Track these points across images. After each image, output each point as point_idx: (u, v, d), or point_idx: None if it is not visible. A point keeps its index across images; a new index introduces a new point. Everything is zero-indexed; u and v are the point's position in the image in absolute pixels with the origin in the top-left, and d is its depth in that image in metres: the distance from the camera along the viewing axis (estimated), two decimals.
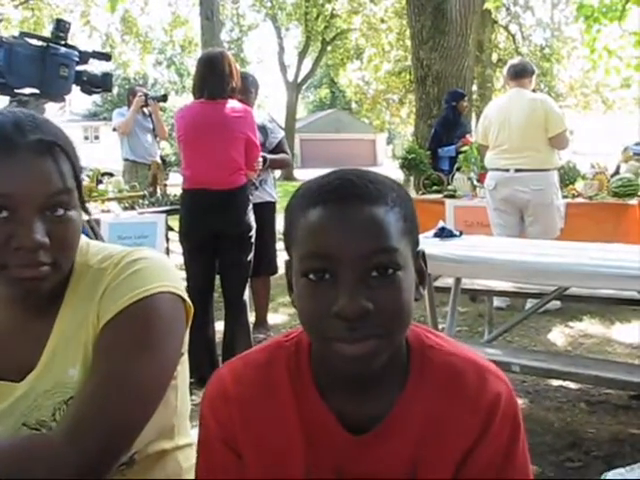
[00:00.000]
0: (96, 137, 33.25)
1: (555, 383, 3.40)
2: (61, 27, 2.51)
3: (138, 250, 1.11)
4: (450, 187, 5.89)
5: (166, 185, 5.94)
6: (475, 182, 5.69)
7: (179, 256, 3.84)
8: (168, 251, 4.83)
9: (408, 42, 12.13)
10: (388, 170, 13.68)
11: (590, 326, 4.52)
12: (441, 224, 3.45)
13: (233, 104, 3.50)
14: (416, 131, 9.52)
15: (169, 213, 4.84)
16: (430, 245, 3.06)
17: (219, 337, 3.72)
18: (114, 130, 6.87)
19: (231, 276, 3.64)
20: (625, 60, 8.96)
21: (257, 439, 0.94)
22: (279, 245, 3.97)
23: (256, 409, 0.94)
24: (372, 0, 19.75)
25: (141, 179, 6.25)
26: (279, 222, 3.12)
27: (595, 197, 5.22)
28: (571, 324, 4.57)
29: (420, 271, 0.91)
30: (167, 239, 4.74)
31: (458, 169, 6.00)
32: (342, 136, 40.73)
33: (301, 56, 27.72)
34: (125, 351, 1.01)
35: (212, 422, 0.96)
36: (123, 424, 0.98)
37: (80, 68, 2.57)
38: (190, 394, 1.26)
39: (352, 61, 24.70)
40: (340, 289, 0.82)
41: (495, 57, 18.96)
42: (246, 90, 3.99)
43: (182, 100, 26.25)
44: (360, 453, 0.92)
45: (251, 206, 3.62)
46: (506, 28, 19.83)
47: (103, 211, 4.76)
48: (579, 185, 5.47)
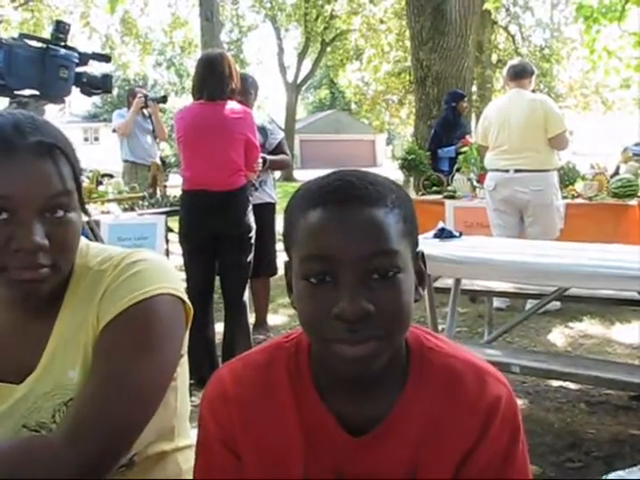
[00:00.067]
0: (96, 138, 33.27)
1: (555, 384, 3.40)
2: (61, 28, 2.51)
3: (138, 252, 1.11)
4: (450, 188, 5.89)
5: (166, 186, 5.95)
6: (475, 183, 5.69)
7: (179, 257, 3.84)
8: (168, 252, 4.83)
9: (408, 43, 12.14)
10: (388, 171, 13.67)
11: (590, 327, 4.52)
12: (441, 225, 3.45)
13: (233, 105, 3.51)
14: (416, 132, 9.52)
15: (169, 214, 4.83)
16: (430, 246, 3.07)
17: (219, 338, 3.72)
18: (114, 131, 6.87)
19: (231, 277, 3.64)
20: (625, 61, 8.96)
21: (256, 440, 0.94)
22: (279, 246, 3.97)
23: (256, 410, 0.94)
24: (372, 1, 19.76)
25: (141, 180, 6.25)
26: (279, 223, 3.12)
27: (595, 198, 5.22)
28: (571, 325, 4.56)
29: (420, 272, 0.91)
30: (167, 240, 4.74)
31: (458, 170, 6.00)
32: (342, 137, 40.74)
33: (301, 57, 27.72)
34: (125, 353, 1.01)
35: (211, 423, 0.96)
36: (123, 426, 0.98)
37: (80, 69, 2.57)
38: (190, 395, 1.26)
39: (352, 62, 24.68)
40: (341, 291, 0.82)
41: (495, 58, 18.95)
42: (245, 91, 3.99)
43: (182, 101, 26.28)
44: (359, 454, 0.92)
45: (251, 207, 3.62)
46: (506, 29, 19.83)
47: (103, 212, 4.76)
48: (579, 186, 5.47)
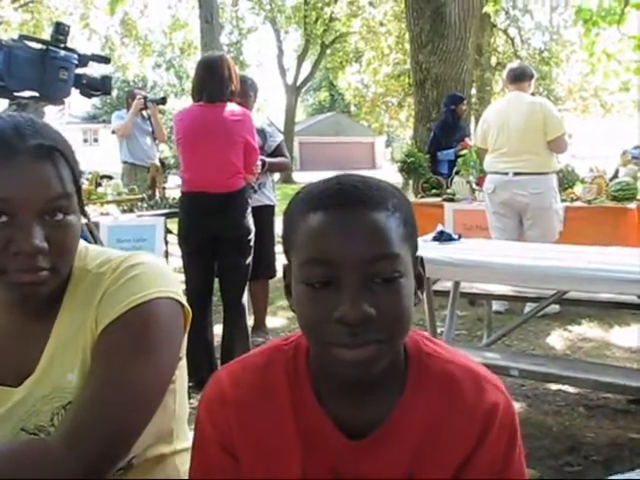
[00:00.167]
0: (95, 140, 33.25)
1: (554, 387, 3.40)
2: (60, 30, 2.52)
3: (136, 255, 1.11)
4: (449, 190, 5.90)
5: (165, 188, 5.95)
6: (474, 185, 5.69)
7: (178, 259, 3.84)
8: (167, 254, 4.83)
9: (407, 45, 12.15)
10: (387, 173, 13.70)
11: (589, 330, 4.52)
12: (440, 228, 3.45)
13: (232, 107, 3.51)
14: (415, 134, 9.53)
15: (168, 216, 4.83)
16: (429, 249, 3.07)
17: (218, 340, 3.71)
18: (113, 133, 6.87)
19: (230, 279, 3.64)
20: (624, 64, 8.96)
21: (254, 442, 0.94)
22: (278, 248, 3.97)
23: (253, 412, 0.94)
24: (371, 3, 19.80)
25: (140, 182, 6.25)
26: (278, 225, 3.12)
27: (594, 201, 5.22)
28: (570, 328, 4.56)
29: (418, 276, 0.91)
30: (166, 242, 4.74)
31: (457, 172, 6.00)
32: (341, 139, 40.79)
33: (300, 59, 27.73)
34: (123, 356, 1.01)
35: (208, 425, 0.96)
36: (121, 429, 0.98)
37: (79, 71, 2.57)
38: (189, 397, 1.26)
39: (351, 64, 24.73)
40: (342, 294, 0.82)
41: (494, 60, 18.96)
42: (245, 93, 3.99)
43: (181, 103, 26.29)
44: (357, 458, 0.91)
45: (250, 209, 3.62)
46: (505, 32, 19.85)
47: (102, 214, 4.75)
48: (578, 189, 5.47)
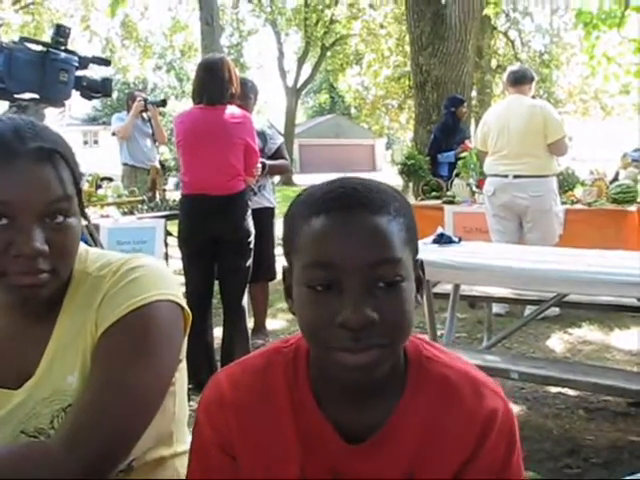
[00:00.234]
0: (95, 142, 33.26)
1: (554, 390, 3.40)
2: (61, 32, 2.52)
3: (136, 258, 1.11)
4: (449, 193, 5.90)
5: (165, 190, 5.95)
6: (474, 188, 5.69)
7: (178, 261, 3.84)
8: (167, 256, 4.83)
9: (407, 48, 12.15)
10: (387, 175, 13.70)
11: (589, 333, 4.51)
12: (440, 230, 3.45)
13: (232, 110, 3.51)
14: (415, 137, 9.54)
15: (168, 218, 4.83)
16: (429, 251, 3.07)
17: (218, 342, 3.71)
18: (113, 135, 6.87)
19: (230, 281, 3.64)
20: (624, 66, 8.99)
21: (253, 445, 0.94)
22: (278, 251, 3.97)
23: (253, 415, 0.94)
24: (372, 6, 19.81)
25: (140, 184, 6.25)
26: (278, 228, 3.12)
27: (594, 203, 5.22)
28: (570, 331, 4.56)
29: (418, 280, 0.91)
30: (166, 244, 4.74)
31: (457, 175, 6.00)
32: (341, 141, 40.79)
33: (300, 61, 27.76)
34: (123, 359, 1.01)
35: (207, 427, 0.96)
36: (121, 432, 0.98)
37: (80, 73, 2.58)
38: (188, 400, 1.26)
39: (351, 66, 24.72)
40: (345, 299, 0.82)
41: (494, 63, 18.99)
42: (245, 96, 3.99)
43: (181, 105, 26.34)
44: (356, 462, 0.91)
45: (250, 212, 3.62)
46: (505, 34, 19.88)
47: (102, 216, 4.75)
48: (578, 191, 5.48)
